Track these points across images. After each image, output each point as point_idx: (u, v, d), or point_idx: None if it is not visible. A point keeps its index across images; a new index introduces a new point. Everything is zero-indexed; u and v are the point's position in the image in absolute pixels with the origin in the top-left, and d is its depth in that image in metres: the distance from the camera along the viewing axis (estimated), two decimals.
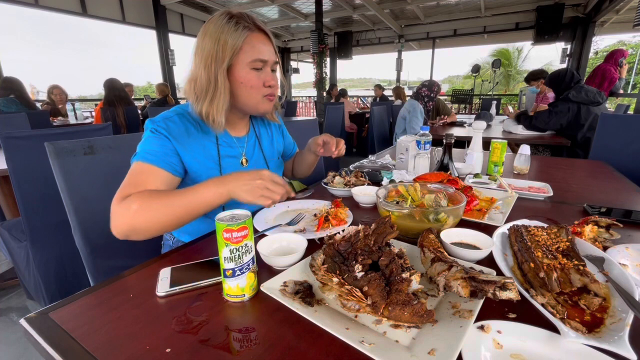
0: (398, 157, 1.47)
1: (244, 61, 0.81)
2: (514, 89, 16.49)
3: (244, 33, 0.79)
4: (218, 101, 0.82)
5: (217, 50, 0.79)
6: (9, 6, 5.49)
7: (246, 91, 0.84)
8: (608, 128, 1.98)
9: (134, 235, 0.69)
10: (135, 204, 0.68)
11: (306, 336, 0.45)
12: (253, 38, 0.81)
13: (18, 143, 1.30)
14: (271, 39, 0.86)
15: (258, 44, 0.82)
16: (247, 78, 0.83)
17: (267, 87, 0.86)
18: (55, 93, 4.32)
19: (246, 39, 0.80)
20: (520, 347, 0.42)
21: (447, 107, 3.83)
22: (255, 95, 0.85)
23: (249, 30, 0.80)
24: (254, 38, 0.81)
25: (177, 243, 0.98)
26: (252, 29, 0.81)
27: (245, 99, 0.86)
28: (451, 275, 0.50)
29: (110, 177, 1.04)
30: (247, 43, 0.80)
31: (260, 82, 0.84)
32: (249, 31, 0.80)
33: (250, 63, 0.81)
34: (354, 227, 0.64)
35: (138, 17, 7.23)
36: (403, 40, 9.88)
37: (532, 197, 1.06)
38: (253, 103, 0.87)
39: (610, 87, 3.52)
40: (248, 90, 0.84)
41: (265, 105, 0.89)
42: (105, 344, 0.45)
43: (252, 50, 0.81)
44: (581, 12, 7.41)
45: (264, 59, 0.83)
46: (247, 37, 0.80)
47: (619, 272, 0.56)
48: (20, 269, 1.49)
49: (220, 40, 0.78)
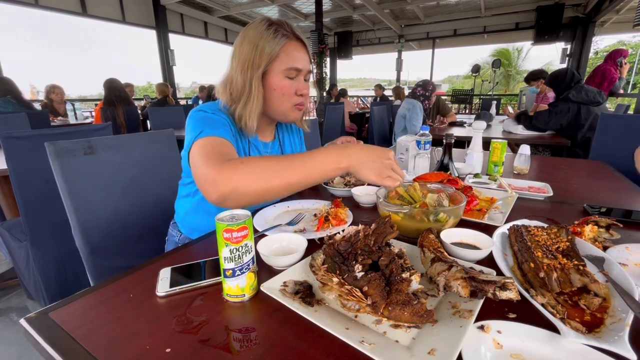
0: (398, 157, 1.47)
1: (279, 68, 0.82)
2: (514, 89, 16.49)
3: (282, 41, 0.80)
4: (251, 106, 0.82)
5: (254, 56, 0.80)
6: (9, 6, 5.49)
7: (278, 98, 0.85)
8: (608, 128, 1.98)
9: (233, 198, 0.62)
10: (244, 164, 0.64)
11: (306, 336, 0.45)
12: (290, 46, 0.82)
13: (18, 143, 1.30)
14: (307, 48, 0.87)
15: (294, 52, 0.83)
16: (280, 85, 0.83)
17: (298, 95, 0.86)
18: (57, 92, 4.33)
19: (283, 47, 0.81)
20: (520, 347, 0.42)
21: (447, 107, 3.82)
22: (286, 103, 0.86)
23: (287, 39, 0.81)
24: (290, 46, 0.82)
25: (183, 240, 0.98)
26: (290, 38, 0.82)
27: (276, 105, 0.86)
28: (451, 275, 0.50)
29: (110, 177, 1.04)
30: (284, 51, 0.81)
31: (292, 90, 0.85)
32: (287, 39, 0.81)
33: (285, 71, 0.82)
34: (354, 227, 0.64)
35: (138, 17, 7.23)
36: (403, 40, 9.89)
37: (532, 197, 1.06)
38: (283, 110, 0.87)
39: (610, 87, 3.52)
40: (280, 97, 0.84)
41: (294, 114, 0.89)
42: (105, 344, 0.45)
43: (287, 58, 0.82)
44: (581, 12, 7.41)
45: (299, 67, 0.84)
46: (285, 45, 0.81)
47: (619, 272, 0.56)
48: (20, 269, 1.49)
49: (258, 46, 0.79)
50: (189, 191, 0.95)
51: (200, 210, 0.93)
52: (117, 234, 1.04)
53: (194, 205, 0.94)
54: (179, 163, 1.24)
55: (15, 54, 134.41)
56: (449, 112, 3.76)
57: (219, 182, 0.62)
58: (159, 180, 1.18)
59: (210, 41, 9.49)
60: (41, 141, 0.95)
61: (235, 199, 0.62)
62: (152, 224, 1.13)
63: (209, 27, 9.20)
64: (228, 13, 8.67)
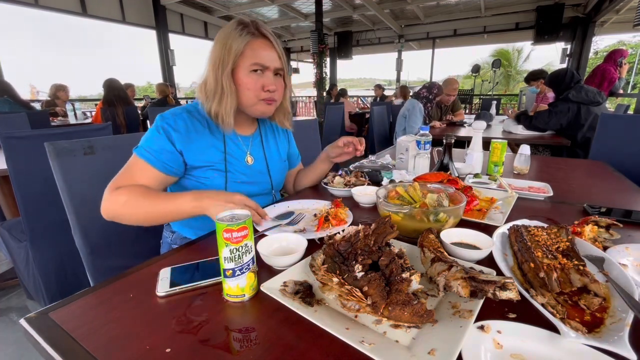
0: (398, 157, 1.47)
1: (244, 64, 0.86)
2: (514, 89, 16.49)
3: (246, 38, 0.84)
4: (225, 102, 0.86)
5: (223, 55, 0.84)
6: (9, 6, 5.49)
7: (244, 94, 0.88)
8: (608, 128, 1.98)
9: (117, 221, 0.80)
10: (123, 197, 0.77)
11: (306, 336, 0.45)
12: (255, 43, 0.86)
13: (18, 143, 1.30)
14: (275, 46, 0.89)
15: (259, 49, 0.86)
16: (245, 81, 0.87)
17: (265, 91, 0.88)
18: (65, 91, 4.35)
19: (248, 43, 0.85)
20: (520, 347, 0.42)
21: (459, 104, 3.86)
22: (252, 97, 0.89)
23: (252, 36, 0.85)
24: (255, 43, 0.86)
25: (175, 240, 0.99)
26: (256, 35, 0.86)
27: (244, 100, 0.90)
28: (451, 275, 0.50)
29: (110, 177, 1.03)
30: (249, 47, 0.85)
31: (258, 85, 0.88)
32: (252, 37, 0.85)
33: (249, 66, 0.86)
34: (354, 227, 0.64)
35: (138, 17, 7.23)
36: (403, 40, 9.88)
37: (532, 197, 1.06)
38: (250, 105, 0.90)
39: (610, 87, 3.51)
40: (246, 92, 0.88)
41: (262, 108, 0.92)
42: (105, 344, 0.45)
43: (252, 54, 0.85)
44: (581, 12, 7.41)
45: (263, 63, 0.86)
46: (249, 42, 0.85)
47: (619, 272, 0.56)
48: (20, 269, 1.49)
49: (226, 45, 0.84)
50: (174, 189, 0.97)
51: None
52: (117, 234, 1.04)
53: None
54: None
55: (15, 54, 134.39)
56: (459, 109, 3.82)
57: (106, 206, 0.79)
58: None
59: (210, 41, 9.44)
60: (41, 141, 0.95)
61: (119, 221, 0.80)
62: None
63: (209, 27, 9.20)
64: (228, 13, 8.66)
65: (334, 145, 1.10)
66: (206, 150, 0.90)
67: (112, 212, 0.78)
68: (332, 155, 1.12)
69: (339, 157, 1.12)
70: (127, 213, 0.77)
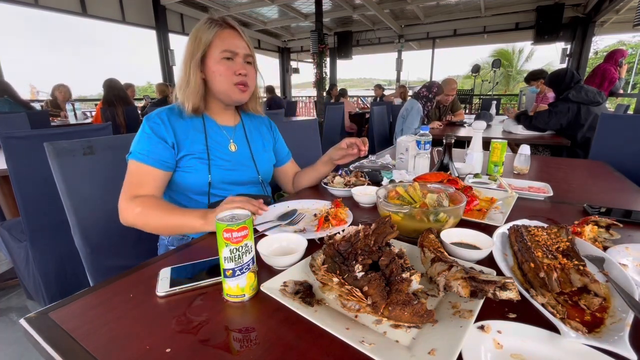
0: (398, 157, 1.47)
1: (214, 53, 0.91)
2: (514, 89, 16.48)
3: (214, 29, 0.91)
4: (190, 89, 0.93)
5: (193, 48, 0.92)
6: (9, 6, 5.49)
7: (217, 80, 0.93)
8: (608, 128, 1.98)
9: (137, 228, 0.85)
10: (138, 208, 0.83)
11: (306, 336, 0.45)
12: (223, 33, 0.92)
13: (18, 143, 1.30)
14: (242, 35, 0.95)
15: (227, 38, 0.92)
16: (216, 67, 0.92)
17: (237, 75, 0.93)
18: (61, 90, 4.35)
19: (216, 34, 0.91)
20: (520, 347, 0.42)
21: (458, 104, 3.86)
22: (226, 82, 0.93)
23: (219, 27, 0.92)
24: (223, 33, 0.92)
25: (172, 241, 0.99)
26: (223, 26, 0.93)
27: (217, 87, 0.94)
28: (451, 275, 0.50)
29: (109, 177, 1.04)
30: (217, 37, 0.91)
31: (230, 71, 0.93)
32: (219, 28, 0.92)
33: (220, 53, 0.91)
34: (354, 227, 0.64)
35: (138, 17, 7.23)
36: (403, 40, 9.88)
37: (532, 197, 1.06)
38: (224, 90, 0.95)
39: (610, 87, 3.52)
40: (219, 78, 0.93)
41: (236, 94, 0.96)
42: (105, 344, 0.45)
43: (221, 43, 0.91)
44: (581, 12, 7.41)
45: (232, 49, 0.92)
46: (217, 32, 0.91)
47: (619, 272, 0.56)
48: (20, 269, 1.49)
49: (196, 38, 0.91)
50: None
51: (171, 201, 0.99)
52: (117, 234, 1.04)
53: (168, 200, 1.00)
54: None
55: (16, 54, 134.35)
56: (458, 110, 3.81)
57: (124, 215, 0.84)
58: None
59: None
60: (41, 141, 0.95)
61: (135, 227, 0.84)
62: None
63: None
64: (228, 13, 8.65)
65: (337, 148, 1.10)
66: (188, 139, 0.94)
67: (130, 222, 0.84)
68: (336, 157, 1.11)
69: (342, 159, 1.12)
70: (142, 222, 0.83)
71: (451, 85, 3.49)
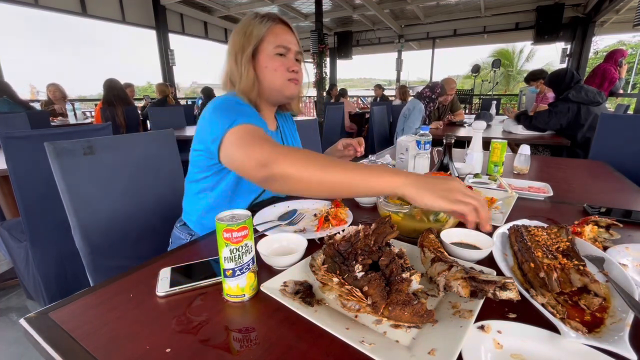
0: (398, 157, 1.47)
1: (267, 48, 0.89)
2: (514, 89, 16.48)
3: (267, 24, 0.88)
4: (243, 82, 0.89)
5: (243, 42, 0.88)
6: (9, 6, 5.49)
7: (271, 75, 0.90)
8: (608, 128, 1.98)
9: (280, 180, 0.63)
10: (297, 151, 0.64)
11: (306, 336, 0.45)
12: (276, 28, 0.90)
13: (18, 143, 1.30)
14: (294, 32, 0.94)
15: (281, 33, 0.90)
16: (270, 63, 0.89)
17: (290, 71, 0.91)
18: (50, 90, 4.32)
19: (269, 28, 0.88)
20: (520, 347, 0.42)
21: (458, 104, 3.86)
22: (279, 77, 0.90)
23: (273, 22, 0.89)
24: (277, 28, 0.90)
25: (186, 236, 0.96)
26: (276, 21, 0.90)
27: (270, 83, 0.91)
28: (451, 275, 0.50)
29: (110, 177, 1.04)
30: (270, 32, 0.89)
31: (284, 66, 0.90)
32: (273, 22, 0.89)
33: (274, 49, 0.89)
34: (354, 227, 0.64)
35: (138, 17, 7.22)
36: (403, 40, 9.88)
37: (532, 197, 1.06)
38: (278, 86, 0.91)
39: (610, 87, 3.52)
40: (273, 73, 0.90)
41: (290, 89, 0.93)
42: (105, 344, 0.45)
43: (275, 38, 0.89)
44: (581, 12, 7.41)
45: (286, 45, 0.90)
46: (270, 27, 0.89)
47: (619, 272, 0.56)
48: (20, 269, 1.49)
49: (246, 32, 0.88)
50: (203, 186, 0.92)
51: (222, 202, 0.91)
52: (117, 234, 1.04)
53: (215, 200, 0.92)
54: (179, 163, 1.25)
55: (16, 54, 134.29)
56: (458, 110, 3.81)
57: (271, 163, 0.63)
58: (158, 180, 1.18)
59: (210, 41, 9.49)
60: (41, 141, 0.95)
61: (282, 182, 0.63)
62: (151, 224, 1.13)
63: (209, 27, 9.19)
64: (228, 13, 8.66)
65: (334, 149, 1.11)
66: None
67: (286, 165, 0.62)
68: None
69: None
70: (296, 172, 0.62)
71: (450, 84, 3.49)
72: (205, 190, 0.93)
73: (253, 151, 0.67)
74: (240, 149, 0.70)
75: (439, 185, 0.55)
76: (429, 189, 0.55)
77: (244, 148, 0.70)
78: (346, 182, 0.60)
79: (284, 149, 0.66)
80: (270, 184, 0.66)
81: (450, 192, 0.54)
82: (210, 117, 0.79)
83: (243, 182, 0.91)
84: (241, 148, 0.70)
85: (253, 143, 0.69)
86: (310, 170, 0.61)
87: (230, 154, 0.74)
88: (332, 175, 0.60)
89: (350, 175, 0.59)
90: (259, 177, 0.66)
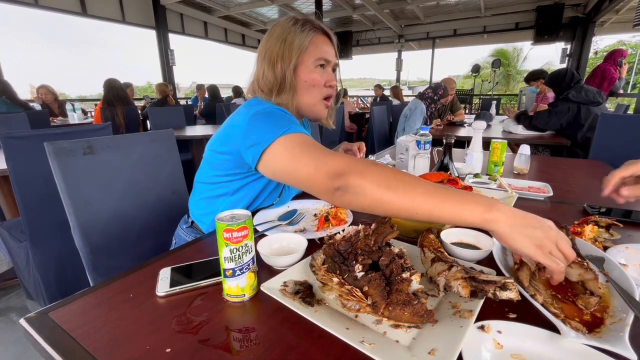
0: (398, 157, 1.47)
1: (308, 61, 0.84)
2: (514, 89, 16.50)
3: (310, 34, 0.83)
4: (286, 97, 0.84)
5: (283, 50, 0.82)
6: (9, 6, 5.48)
7: (308, 90, 0.86)
8: (608, 128, 1.98)
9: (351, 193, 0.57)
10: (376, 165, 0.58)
11: (306, 336, 0.45)
12: (318, 39, 0.85)
13: (18, 143, 1.30)
14: (333, 43, 0.89)
15: (322, 45, 0.85)
16: (310, 77, 0.85)
17: (327, 87, 0.88)
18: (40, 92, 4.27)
19: (312, 39, 0.84)
20: (520, 347, 0.42)
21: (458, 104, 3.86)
22: (316, 94, 0.87)
23: (315, 32, 0.85)
24: (319, 39, 0.85)
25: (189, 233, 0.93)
26: (318, 31, 0.85)
27: (306, 99, 0.87)
28: (451, 275, 0.50)
29: (109, 177, 1.04)
30: (313, 43, 0.84)
31: (322, 81, 0.86)
32: (315, 33, 0.85)
33: (315, 61, 0.84)
34: (354, 227, 0.64)
35: (138, 17, 7.22)
36: (403, 40, 9.89)
37: (532, 197, 1.06)
38: (312, 103, 0.88)
39: (610, 87, 3.51)
40: (310, 89, 0.86)
41: (322, 110, 0.90)
42: (105, 344, 0.45)
43: (316, 50, 0.84)
44: (581, 12, 7.41)
45: (327, 58, 0.86)
46: (313, 37, 0.84)
47: (619, 272, 0.56)
48: (20, 269, 1.49)
49: (286, 40, 0.82)
50: (223, 190, 0.88)
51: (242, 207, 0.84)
52: (117, 233, 1.04)
53: (234, 205, 0.88)
54: (179, 163, 1.25)
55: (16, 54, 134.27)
56: (458, 110, 3.82)
57: (348, 173, 0.57)
58: (158, 180, 1.18)
59: (210, 41, 9.49)
60: (41, 141, 0.95)
61: (354, 195, 0.57)
62: (151, 224, 1.13)
63: (209, 27, 9.19)
64: (228, 13, 8.66)
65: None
66: None
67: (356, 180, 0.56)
68: None
69: None
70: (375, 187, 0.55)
71: (450, 84, 3.49)
72: (225, 195, 0.88)
73: (325, 160, 0.62)
74: (304, 156, 0.65)
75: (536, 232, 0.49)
76: (523, 233, 0.49)
77: (310, 156, 0.64)
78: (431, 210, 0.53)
79: (363, 161, 0.60)
80: (338, 197, 0.59)
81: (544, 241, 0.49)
82: (252, 122, 0.74)
83: (267, 189, 0.90)
84: (305, 156, 0.65)
85: (323, 152, 0.65)
86: (391, 190, 0.54)
87: (282, 162, 0.68)
88: (416, 202, 0.53)
89: (437, 203, 0.52)
90: (329, 186, 0.59)
